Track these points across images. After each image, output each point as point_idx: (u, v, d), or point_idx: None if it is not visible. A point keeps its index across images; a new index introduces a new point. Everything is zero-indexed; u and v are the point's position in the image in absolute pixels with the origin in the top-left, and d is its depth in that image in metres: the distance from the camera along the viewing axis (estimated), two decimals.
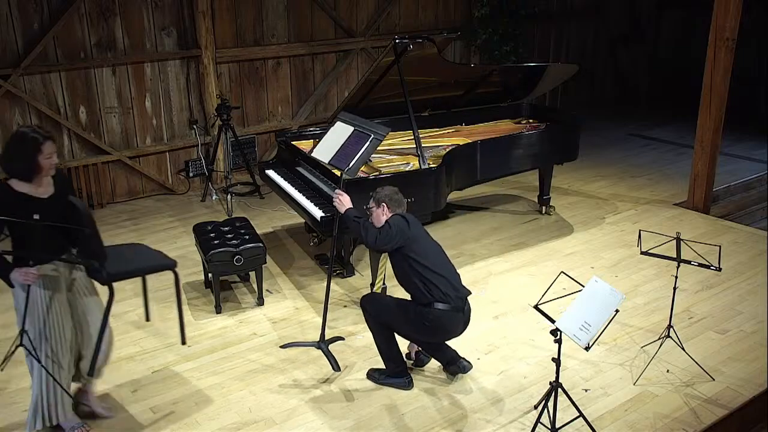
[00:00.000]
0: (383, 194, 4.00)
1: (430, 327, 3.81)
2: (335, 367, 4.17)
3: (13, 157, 3.28)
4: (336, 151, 4.25)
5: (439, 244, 4.03)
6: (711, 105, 6.32)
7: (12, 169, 3.28)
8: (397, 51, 5.11)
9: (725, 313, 4.85)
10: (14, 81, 6.31)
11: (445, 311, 3.79)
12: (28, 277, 3.25)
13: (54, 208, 3.36)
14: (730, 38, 6.08)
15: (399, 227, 3.82)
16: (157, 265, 3.79)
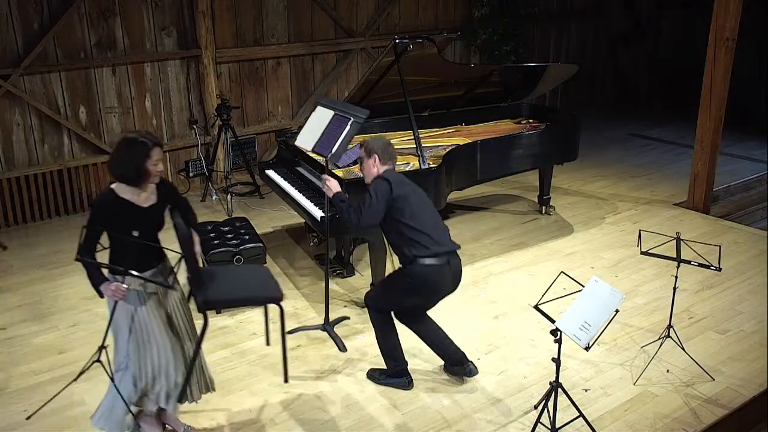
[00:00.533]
0: (375, 145, 3.89)
1: (415, 284, 3.75)
2: (341, 347, 4.18)
3: (122, 162, 3.22)
4: (318, 137, 4.24)
5: (428, 199, 3.92)
6: (711, 105, 6.32)
7: (120, 173, 3.23)
8: (397, 51, 5.11)
9: (725, 313, 4.85)
10: (14, 81, 6.31)
11: (427, 266, 3.70)
12: (116, 293, 3.18)
13: (153, 218, 3.36)
14: (730, 38, 6.08)
15: (381, 194, 3.72)
16: (260, 297, 3.58)
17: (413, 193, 3.84)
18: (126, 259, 3.17)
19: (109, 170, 3.26)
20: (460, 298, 5.09)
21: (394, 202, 3.74)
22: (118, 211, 3.24)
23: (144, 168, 3.20)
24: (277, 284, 3.78)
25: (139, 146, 3.20)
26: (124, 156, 3.21)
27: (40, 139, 6.63)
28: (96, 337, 4.62)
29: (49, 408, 3.90)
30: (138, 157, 3.19)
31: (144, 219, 3.30)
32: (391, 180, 3.78)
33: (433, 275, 3.74)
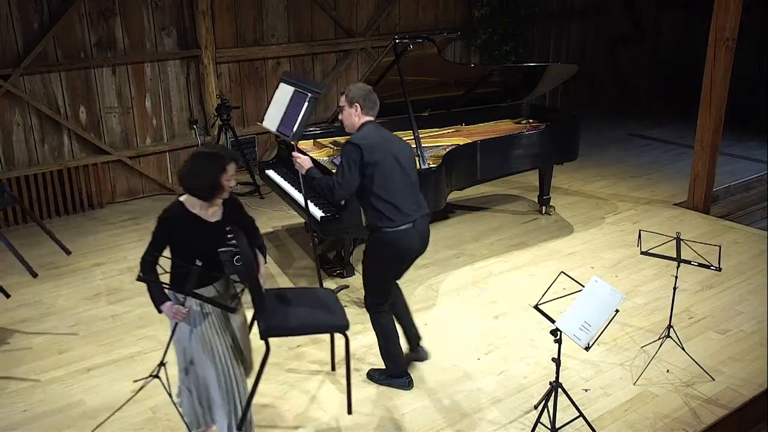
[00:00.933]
0: (357, 93, 3.77)
1: (384, 251, 3.76)
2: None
3: (196, 175, 3.10)
4: (281, 117, 4.24)
5: (406, 156, 3.84)
6: (711, 105, 6.32)
7: (193, 186, 3.12)
8: (397, 51, 5.11)
9: (725, 313, 4.85)
10: (14, 81, 6.31)
11: (392, 231, 3.72)
12: (177, 315, 3.11)
13: (217, 234, 3.24)
14: (730, 38, 6.07)
15: (353, 163, 3.66)
16: (326, 325, 3.44)
17: (386, 156, 3.72)
18: (187, 278, 3.07)
19: (180, 182, 3.13)
20: (460, 298, 5.09)
21: (365, 168, 3.68)
22: (185, 224, 3.15)
23: (218, 182, 3.09)
24: (342, 310, 3.60)
25: (215, 160, 3.11)
26: (200, 169, 3.10)
27: (40, 139, 6.63)
28: (96, 337, 4.63)
29: (49, 408, 3.90)
30: (214, 171, 3.09)
31: (209, 234, 3.21)
32: (363, 145, 3.67)
33: (399, 238, 3.75)
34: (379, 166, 3.68)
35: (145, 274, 3.13)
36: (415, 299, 5.09)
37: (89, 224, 6.61)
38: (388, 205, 3.70)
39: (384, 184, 3.70)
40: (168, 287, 3.16)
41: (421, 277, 5.42)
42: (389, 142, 3.81)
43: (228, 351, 3.25)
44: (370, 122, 3.83)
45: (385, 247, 3.77)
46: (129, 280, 5.43)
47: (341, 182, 3.69)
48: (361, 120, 3.82)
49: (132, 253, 5.93)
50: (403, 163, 3.80)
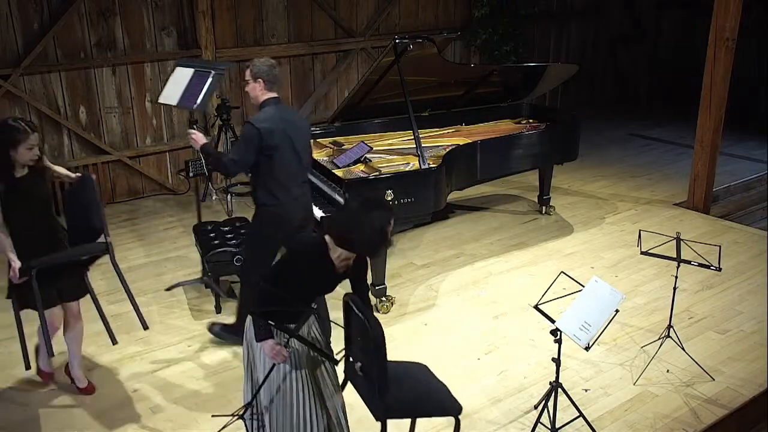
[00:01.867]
0: (260, 68, 3.90)
1: (269, 225, 3.88)
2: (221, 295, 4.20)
3: (361, 228, 2.77)
4: (181, 93, 4.28)
5: (302, 138, 4.03)
6: (711, 105, 6.32)
7: (353, 239, 2.82)
8: (397, 51, 5.11)
9: (725, 313, 4.85)
10: (14, 81, 6.31)
11: (278, 206, 3.94)
12: (277, 357, 2.88)
13: (335, 284, 3.03)
14: (730, 38, 6.08)
15: (249, 144, 3.81)
16: (441, 408, 3.14)
17: (284, 141, 3.88)
18: (291, 318, 2.89)
19: (336, 229, 2.85)
20: (460, 298, 5.09)
21: (262, 150, 3.84)
22: (319, 267, 2.90)
23: (386, 235, 2.82)
24: (444, 386, 3.24)
25: (385, 213, 2.83)
26: (366, 221, 2.78)
27: (40, 139, 6.62)
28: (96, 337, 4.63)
29: (50, 408, 3.90)
30: (383, 224, 2.80)
31: (330, 283, 3.01)
32: (263, 128, 3.81)
33: (283, 215, 3.97)
34: (276, 151, 3.86)
35: (260, 305, 2.86)
36: (415, 299, 5.09)
37: None
38: (279, 185, 3.91)
39: (279, 166, 3.90)
40: (275, 326, 2.88)
41: (421, 277, 5.42)
42: (289, 125, 3.95)
43: (308, 389, 3.00)
44: (273, 99, 3.96)
45: (271, 221, 3.94)
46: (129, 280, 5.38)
47: (236, 160, 3.89)
48: (265, 96, 3.95)
49: (132, 253, 5.93)
50: (298, 147, 3.99)
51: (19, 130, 3.49)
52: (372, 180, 4.73)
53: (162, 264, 5.72)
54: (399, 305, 5.00)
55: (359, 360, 3.04)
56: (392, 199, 4.64)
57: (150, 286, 5.34)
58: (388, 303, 4.92)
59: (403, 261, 5.69)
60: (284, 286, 2.87)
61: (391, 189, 4.64)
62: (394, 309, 4.94)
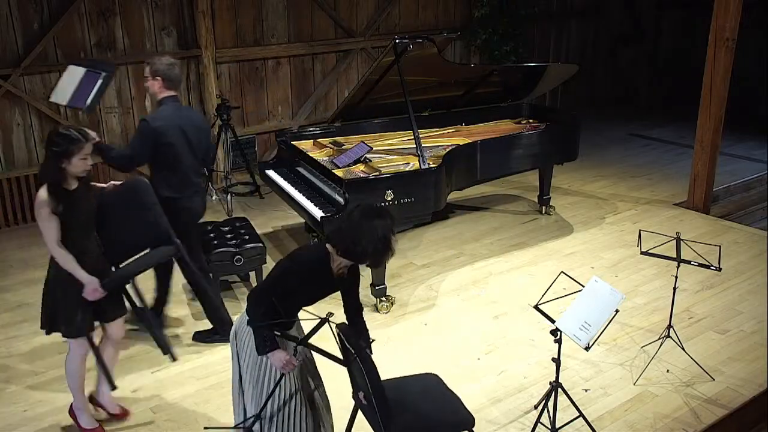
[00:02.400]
0: (158, 67, 4.02)
1: (174, 218, 3.78)
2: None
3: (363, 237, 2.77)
4: (72, 93, 4.31)
5: (200, 133, 4.18)
6: (711, 105, 6.32)
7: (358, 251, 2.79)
8: (397, 51, 5.11)
9: (725, 313, 4.85)
10: (14, 81, 6.31)
11: (180, 199, 4.11)
12: (286, 367, 2.85)
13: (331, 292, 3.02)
14: (730, 38, 6.08)
15: (143, 141, 3.96)
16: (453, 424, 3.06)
17: (179, 138, 4.04)
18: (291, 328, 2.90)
19: (341, 241, 2.80)
20: (460, 298, 5.09)
21: (158, 147, 3.97)
22: (320, 276, 2.89)
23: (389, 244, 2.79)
24: (457, 397, 3.19)
25: (387, 222, 2.79)
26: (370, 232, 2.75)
27: (40, 139, 6.63)
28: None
29: (49, 408, 3.90)
30: (386, 233, 2.77)
31: (327, 291, 3.00)
32: (158, 127, 3.96)
33: (187, 208, 4.17)
34: (172, 147, 4.02)
35: (262, 317, 2.82)
36: (415, 299, 5.09)
37: None
38: (176, 178, 4.10)
39: (175, 161, 4.07)
40: (286, 336, 2.88)
41: (421, 277, 5.42)
42: (185, 121, 4.08)
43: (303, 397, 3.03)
44: (171, 98, 4.07)
45: (176, 214, 3.94)
46: None
47: (131, 155, 4.04)
48: (163, 94, 4.06)
49: None
50: (195, 143, 4.14)
51: (72, 139, 3.24)
52: (372, 180, 4.73)
53: None
54: (399, 305, 5.00)
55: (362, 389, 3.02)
56: (392, 199, 4.64)
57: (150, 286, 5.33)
58: (388, 303, 4.92)
59: (403, 261, 5.69)
60: (284, 295, 2.85)
61: (391, 189, 4.64)
62: (394, 309, 4.94)
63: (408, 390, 3.19)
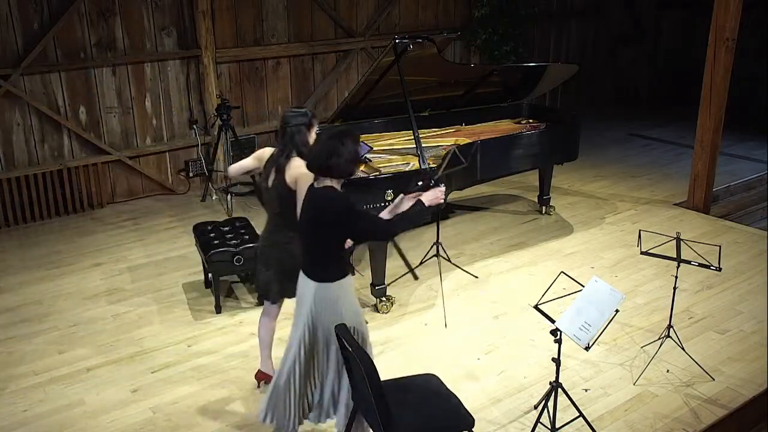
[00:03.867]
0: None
1: None
2: None
3: (330, 155, 3.15)
4: None
5: None
6: (711, 105, 6.32)
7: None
8: (397, 51, 5.10)
9: (725, 313, 4.85)
10: (14, 81, 6.31)
11: None
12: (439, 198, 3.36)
13: None
14: (730, 38, 6.07)
15: None
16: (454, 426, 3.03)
17: None
18: None
19: (316, 162, 3.18)
20: (460, 298, 5.09)
21: None
22: None
23: (358, 156, 3.27)
24: (455, 397, 3.19)
25: (353, 137, 3.22)
26: (337, 146, 3.15)
27: (40, 139, 6.63)
28: (96, 337, 4.63)
29: (49, 408, 3.91)
30: (352, 145, 3.21)
31: None
32: None
33: None
34: None
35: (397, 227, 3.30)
36: (415, 299, 5.09)
37: (89, 224, 6.61)
38: None
39: None
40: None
41: (421, 277, 5.42)
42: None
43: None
44: None
45: None
46: (129, 280, 5.44)
47: None
48: None
49: (132, 253, 5.93)
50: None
51: (308, 112, 3.66)
52: (372, 180, 4.73)
53: (162, 264, 5.72)
54: (399, 305, 5.00)
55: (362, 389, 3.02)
56: (392, 199, 4.64)
57: (150, 286, 5.35)
58: (388, 303, 4.91)
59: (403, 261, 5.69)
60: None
61: (391, 189, 4.64)
62: (394, 309, 4.94)
63: (408, 390, 3.19)
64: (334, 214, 3.10)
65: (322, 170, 3.14)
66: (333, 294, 3.20)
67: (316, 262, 3.24)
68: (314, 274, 3.22)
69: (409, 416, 3.00)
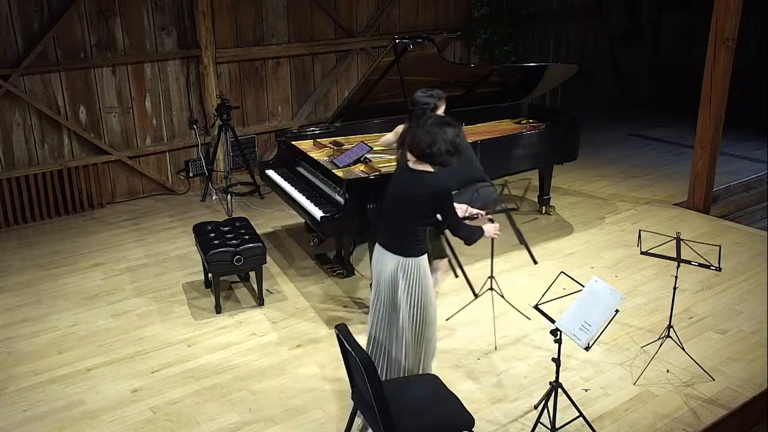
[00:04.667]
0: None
1: None
2: None
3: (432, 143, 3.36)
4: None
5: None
6: (711, 105, 6.32)
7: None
8: (397, 51, 5.11)
9: (725, 313, 4.85)
10: (14, 81, 6.31)
11: None
12: (497, 231, 3.81)
13: None
14: (730, 38, 6.07)
15: None
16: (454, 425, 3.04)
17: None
18: None
19: (417, 146, 3.33)
20: (460, 298, 5.09)
21: None
22: None
23: (458, 146, 3.45)
24: (456, 398, 3.19)
25: (455, 126, 3.41)
26: (441, 134, 3.32)
27: (40, 139, 6.63)
28: (96, 337, 4.63)
29: (49, 408, 3.91)
30: (454, 136, 3.42)
31: None
32: None
33: None
34: None
35: (476, 235, 3.56)
36: None
37: (89, 224, 6.61)
38: None
39: None
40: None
41: None
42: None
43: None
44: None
45: None
46: (129, 280, 5.44)
47: None
48: None
49: (132, 253, 5.93)
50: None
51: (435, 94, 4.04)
52: (372, 180, 4.73)
53: (162, 264, 5.72)
54: None
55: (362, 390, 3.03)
56: None
57: (150, 286, 5.35)
58: None
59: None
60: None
61: None
62: None
63: (408, 390, 3.20)
64: (431, 197, 3.31)
65: (423, 156, 3.30)
66: (412, 269, 3.40)
67: (400, 238, 3.41)
68: (396, 249, 3.40)
69: (409, 416, 3.00)
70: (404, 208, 3.40)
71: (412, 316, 3.46)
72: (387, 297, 3.48)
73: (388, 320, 3.52)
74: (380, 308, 3.53)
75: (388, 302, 3.49)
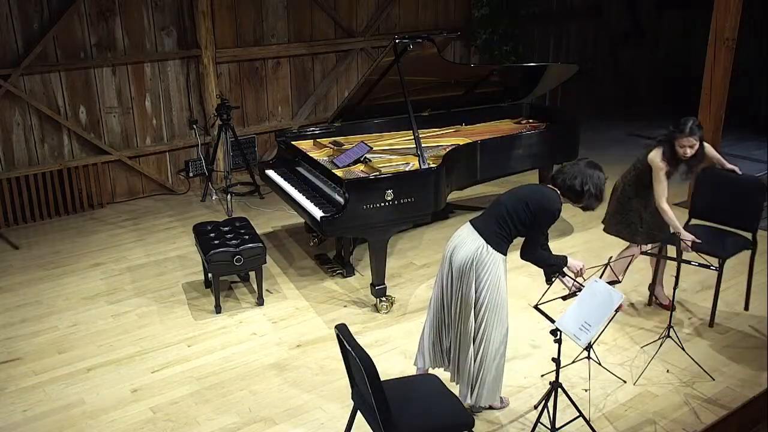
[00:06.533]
0: None
1: None
2: None
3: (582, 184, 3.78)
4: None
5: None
6: (711, 105, 6.32)
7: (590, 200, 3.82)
8: (397, 51, 5.11)
9: (725, 313, 4.85)
10: (14, 81, 6.31)
11: None
12: (579, 266, 3.72)
13: None
14: (730, 38, 6.07)
15: None
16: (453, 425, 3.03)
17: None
18: None
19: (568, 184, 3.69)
20: None
21: None
22: None
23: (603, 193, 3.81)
24: (455, 397, 3.20)
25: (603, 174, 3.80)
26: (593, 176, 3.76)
27: (40, 139, 6.64)
28: (96, 337, 4.63)
29: (49, 408, 3.91)
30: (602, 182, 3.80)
31: None
32: None
33: None
34: None
35: (543, 260, 3.65)
36: (415, 299, 5.09)
37: (89, 224, 6.61)
38: None
39: None
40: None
41: (421, 277, 5.42)
42: None
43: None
44: None
45: None
46: (129, 280, 5.44)
47: None
48: None
49: (132, 253, 5.93)
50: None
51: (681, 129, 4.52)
52: (372, 180, 4.73)
53: (162, 264, 5.72)
54: (399, 305, 5.00)
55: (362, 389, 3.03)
56: (392, 199, 4.65)
57: (150, 286, 5.35)
58: (388, 303, 4.92)
59: (403, 261, 5.69)
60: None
61: (391, 189, 4.64)
62: (394, 309, 4.94)
63: (408, 390, 3.20)
64: (539, 208, 3.51)
65: (571, 191, 3.60)
66: (490, 259, 3.50)
67: (494, 226, 3.59)
68: (484, 233, 3.57)
69: (409, 416, 3.00)
70: (513, 203, 3.63)
71: (481, 304, 3.50)
72: (455, 272, 3.56)
73: (455, 300, 3.61)
74: (446, 283, 3.63)
75: (456, 278, 3.57)
